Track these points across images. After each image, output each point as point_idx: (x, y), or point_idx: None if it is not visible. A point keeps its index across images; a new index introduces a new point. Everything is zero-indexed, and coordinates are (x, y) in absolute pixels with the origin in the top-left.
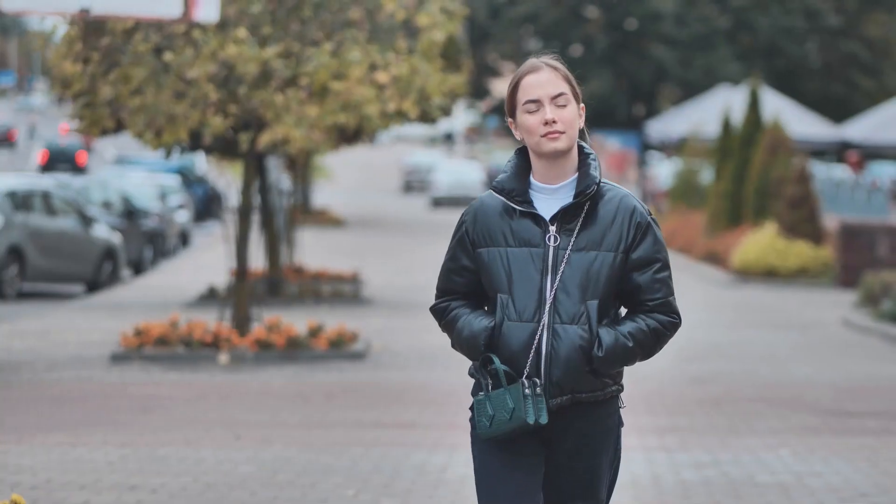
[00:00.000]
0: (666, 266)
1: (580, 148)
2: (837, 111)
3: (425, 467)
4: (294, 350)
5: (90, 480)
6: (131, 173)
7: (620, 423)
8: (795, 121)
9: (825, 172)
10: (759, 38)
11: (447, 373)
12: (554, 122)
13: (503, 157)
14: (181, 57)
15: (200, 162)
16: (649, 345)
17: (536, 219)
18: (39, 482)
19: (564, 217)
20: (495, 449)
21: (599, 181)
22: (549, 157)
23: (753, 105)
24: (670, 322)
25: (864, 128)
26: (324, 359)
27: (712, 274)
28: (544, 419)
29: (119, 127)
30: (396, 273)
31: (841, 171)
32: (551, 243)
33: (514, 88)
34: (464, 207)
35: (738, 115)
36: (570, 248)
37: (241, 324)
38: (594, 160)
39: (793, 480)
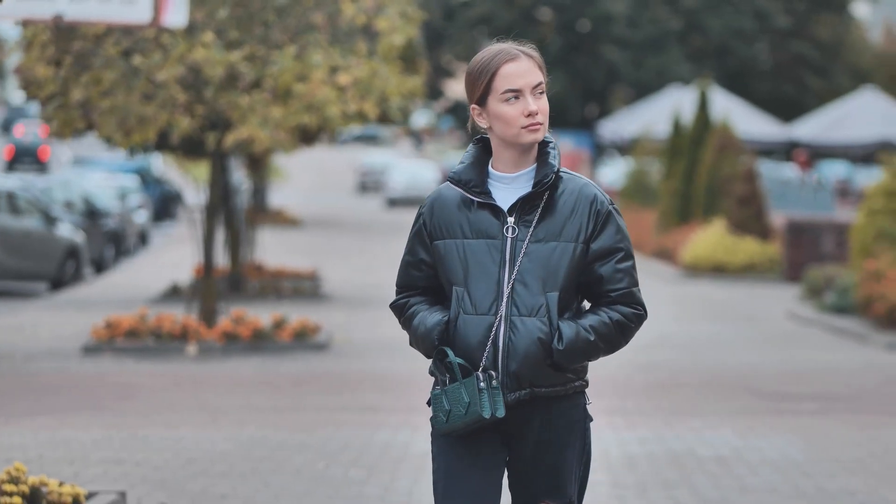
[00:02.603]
0: (629, 256)
1: None
2: (787, 111)
3: (390, 444)
4: (260, 342)
5: (78, 456)
6: (91, 174)
7: (587, 418)
8: (745, 120)
9: (773, 171)
10: (710, 40)
11: (406, 362)
12: (536, 113)
13: (457, 156)
14: (150, 60)
15: (157, 162)
16: (613, 338)
17: (495, 210)
18: (31, 458)
19: (523, 208)
20: (454, 447)
21: (558, 170)
22: (522, 147)
23: (703, 106)
24: (634, 314)
25: (812, 127)
26: (288, 350)
27: (663, 270)
28: (501, 413)
29: (90, 128)
30: (354, 271)
31: (789, 170)
32: (509, 234)
33: (491, 76)
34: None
35: (689, 115)
36: (528, 239)
37: (209, 317)
38: (553, 149)
39: (731, 454)
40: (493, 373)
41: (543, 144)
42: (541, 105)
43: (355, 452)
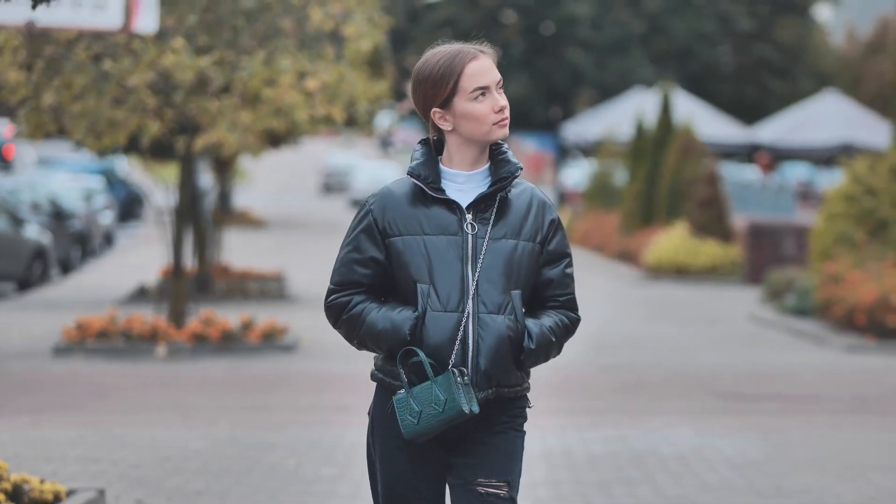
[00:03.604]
0: (572, 262)
1: None
2: (750, 113)
3: (359, 444)
4: (228, 343)
5: (55, 455)
6: (56, 175)
7: (525, 419)
8: (707, 123)
9: (735, 174)
10: (673, 42)
11: (371, 365)
12: (504, 108)
13: None
14: (121, 65)
15: (122, 164)
16: (562, 341)
17: (450, 206)
18: (8, 456)
19: (479, 205)
20: (396, 458)
21: (521, 168)
22: (484, 144)
23: (666, 109)
24: (576, 319)
25: (774, 130)
26: (257, 351)
27: (625, 272)
28: (476, 408)
29: (61, 131)
30: (319, 272)
31: (751, 173)
32: (470, 231)
33: (458, 77)
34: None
35: (652, 118)
36: (487, 236)
37: (178, 318)
38: (508, 150)
39: (692, 453)
40: (464, 370)
41: (497, 144)
42: (505, 100)
43: (326, 451)
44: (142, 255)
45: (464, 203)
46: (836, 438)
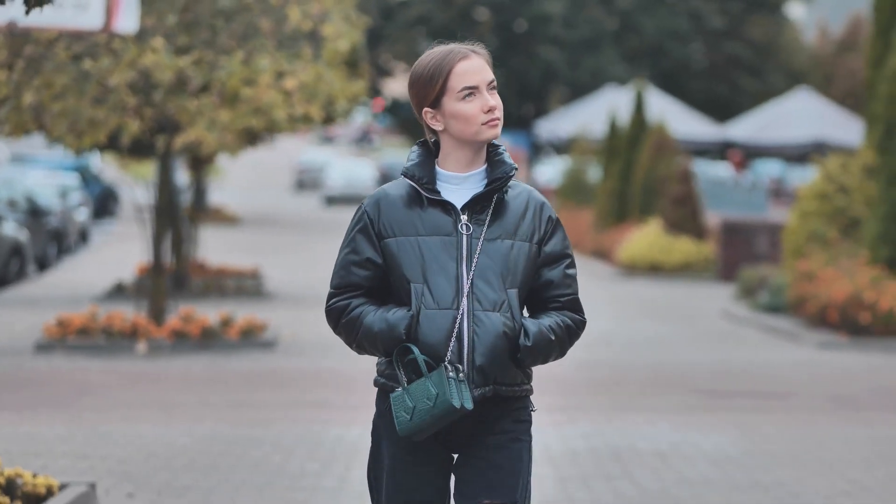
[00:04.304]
0: (574, 263)
1: None
2: (721, 111)
3: (343, 438)
4: (208, 340)
5: (43, 450)
6: (32, 172)
7: (530, 422)
8: (680, 121)
9: (708, 171)
10: (645, 40)
11: (353, 360)
12: (495, 107)
13: (394, 154)
14: (101, 64)
15: (95, 161)
16: (564, 343)
17: (446, 207)
18: None
19: (475, 206)
20: (398, 460)
21: (516, 168)
22: (477, 145)
23: (639, 107)
24: (581, 321)
25: (746, 127)
26: (236, 348)
27: (600, 269)
28: (469, 405)
29: (41, 130)
30: (294, 269)
31: (724, 170)
32: (464, 231)
33: (446, 76)
34: (356, 205)
35: (625, 116)
36: (482, 236)
37: (157, 315)
38: (504, 151)
39: (670, 448)
40: (459, 366)
41: (493, 146)
42: (497, 101)
43: (310, 446)
44: (117, 252)
45: (459, 204)
46: (811, 434)
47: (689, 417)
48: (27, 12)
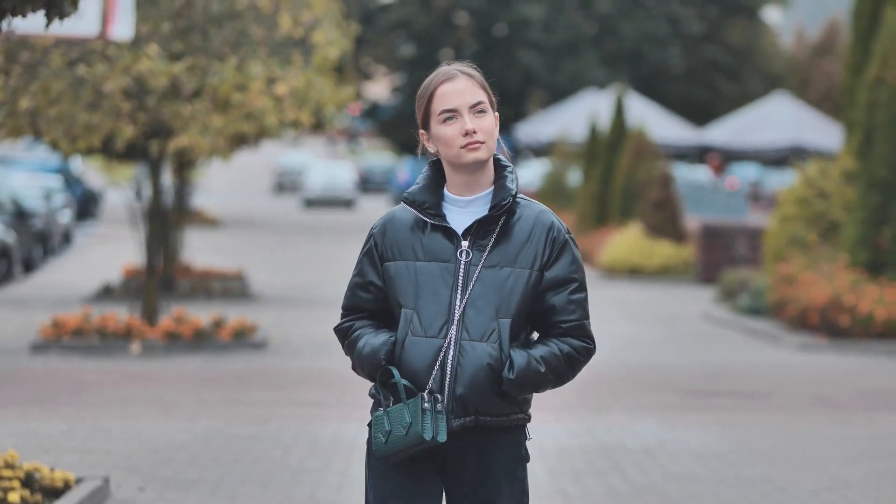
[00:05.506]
0: (582, 287)
1: (497, 160)
2: (700, 115)
3: (340, 435)
4: (201, 340)
5: (51, 446)
6: (15, 174)
7: (526, 458)
8: (659, 124)
9: (687, 175)
10: (623, 44)
11: (343, 361)
12: (474, 132)
13: (375, 158)
14: (95, 70)
15: (76, 163)
16: (562, 372)
17: (448, 233)
18: (5, 447)
19: (478, 231)
20: (390, 477)
21: (515, 194)
22: (469, 169)
23: (619, 111)
24: (584, 348)
25: (725, 131)
26: (228, 348)
27: None
28: (443, 437)
29: (37, 135)
30: (277, 271)
31: (703, 174)
32: (462, 258)
33: (429, 98)
34: (336, 208)
35: (605, 119)
36: (482, 263)
37: (150, 316)
38: (511, 172)
39: (656, 445)
40: (438, 396)
41: (501, 168)
42: (480, 124)
43: (309, 443)
44: (101, 254)
45: (462, 228)
46: (793, 432)
47: (674, 416)
48: (47, 25)
